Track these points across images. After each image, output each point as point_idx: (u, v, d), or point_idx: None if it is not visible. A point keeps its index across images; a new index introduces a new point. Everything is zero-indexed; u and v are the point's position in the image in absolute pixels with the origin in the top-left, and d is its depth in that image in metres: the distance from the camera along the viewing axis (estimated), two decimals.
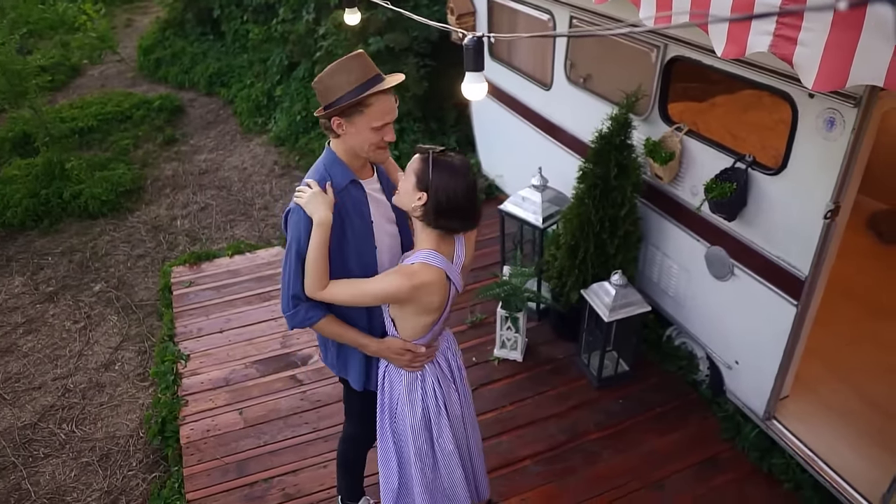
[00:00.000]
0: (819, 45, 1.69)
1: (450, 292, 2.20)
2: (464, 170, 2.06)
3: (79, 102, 8.25)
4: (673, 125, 3.39)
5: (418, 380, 2.35)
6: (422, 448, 2.43)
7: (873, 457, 3.04)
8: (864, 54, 1.60)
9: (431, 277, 2.09)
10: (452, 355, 2.47)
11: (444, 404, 2.39)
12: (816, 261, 2.82)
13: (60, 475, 3.69)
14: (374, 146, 2.17)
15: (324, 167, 2.23)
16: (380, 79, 2.11)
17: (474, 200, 2.08)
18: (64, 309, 5.00)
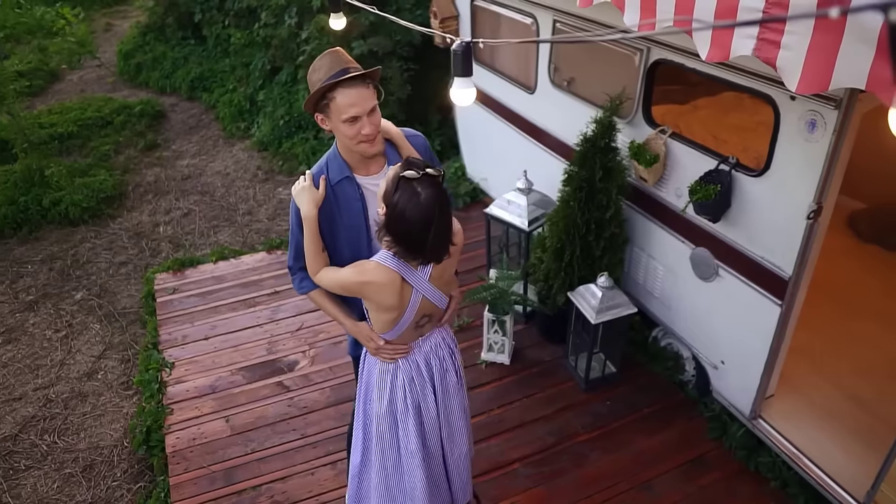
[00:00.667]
0: (802, 48, 1.71)
1: (412, 297, 2.19)
2: (426, 203, 1.96)
3: (58, 108, 8.15)
4: (657, 128, 3.42)
5: (390, 373, 2.39)
6: (384, 438, 2.46)
7: (858, 454, 3.07)
8: (847, 58, 1.62)
9: (381, 278, 2.10)
10: (439, 360, 2.44)
11: (412, 404, 2.39)
12: (800, 261, 2.86)
13: (43, 487, 3.63)
14: (355, 140, 2.18)
15: (325, 161, 2.34)
16: (347, 72, 2.11)
17: (426, 237, 2.00)
18: (45, 318, 4.93)
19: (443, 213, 2.01)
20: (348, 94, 2.10)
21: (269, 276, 4.97)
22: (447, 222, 2.06)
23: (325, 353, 4.19)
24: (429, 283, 2.21)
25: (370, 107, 2.13)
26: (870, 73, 1.60)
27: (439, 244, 2.06)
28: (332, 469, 3.41)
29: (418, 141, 2.48)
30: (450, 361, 2.44)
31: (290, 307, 4.63)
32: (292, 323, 4.48)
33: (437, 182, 2.00)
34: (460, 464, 2.61)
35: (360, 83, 2.11)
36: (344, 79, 2.07)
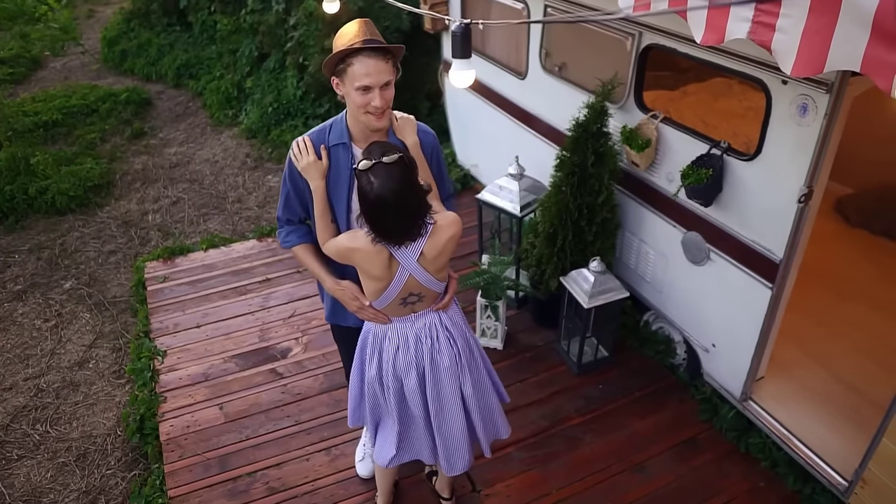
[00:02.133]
0: (797, 31, 1.72)
1: (398, 273, 2.23)
2: (380, 191, 2.01)
3: (41, 95, 8.03)
4: (649, 113, 3.43)
5: (378, 342, 2.45)
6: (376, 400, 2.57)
7: (847, 433, 3.13)
8: (841, 40, 1.63)
9: (369, 247, 2.16)
10: (431, 341, 2.43)
11: (394, 375, 2.44)
12: (790, 244, 2.89)
13: (36, 476, 3.61)
14: (362, 109, 2.21)
15: (330, 124, 2.41)
16: (372, 41, 2.13)
17: (386, 221, 2.08)
18: (33, 307, 4.88)
19: (400, 198, 2.04)
20: (366, 63, 2.13)
21: (260, 264, 4.95)
22: (407, 205, 2.07)
23: (318, 340, 4.19)
24: (418, 263, 2.22)
25: (384, 80, 2.17)
26: (864, 55, 1.61)
27: (402, 226, 2.12)
28: (327, 455, 3.43)
29: (427, 139, 2.51)
30: (445, 345, 2.44)
31: (282, 294, 4.62)
32: (284, 310, 4.47)
33: (393, 169, 2.02)
34: (449, 437, 2.61)
35: (380, 55, 2.14)
36: (366, 47, 2.11)
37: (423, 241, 2.19)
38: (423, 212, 2.16)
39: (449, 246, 2.26)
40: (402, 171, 2.04)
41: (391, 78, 2.19)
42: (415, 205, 2.11)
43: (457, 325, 2.50)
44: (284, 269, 4.86)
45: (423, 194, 2.16)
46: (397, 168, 2.02)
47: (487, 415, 2.69)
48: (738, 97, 3.62)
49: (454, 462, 2.66)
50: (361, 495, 3.20)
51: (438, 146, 2.59)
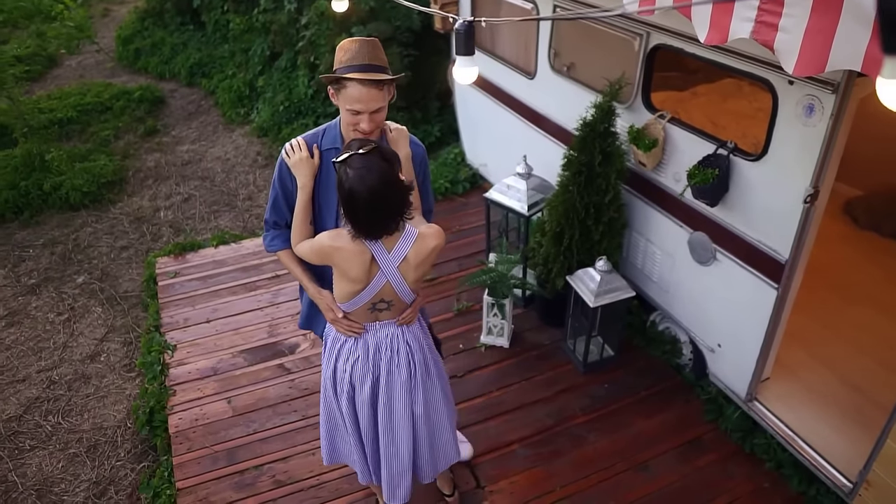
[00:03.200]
0: (799, 30, 1.74)
1: (377, 277, 2.23)
2: (354, 181, 2.01)
3: (57, 93, 8.13)
4: (656, 113, 3.44)
5: (339, 344, 2.46)
6: (328, 400, 2.61)
7: (852, 435, 3.12)
8: (843, 39, 1.64)
9: (353, 247, 2.17)
10: (391, 353, 2.43)
11: (349, 381, 2.45)
12: (796, 244, 2.89)
13: (48, 466, 3.67)
14: (351, 127, 2.26)
15: (324, 129, 2.45)
16: (369, 68, 2.16)
17: (359, 212, 2.07)
18: (47, 301, 4.96)
19: (375, 187, 2.02)
20: (359, 90, 2.16)
21: (270, 261, 5.00)
22: (383, 196, 2.05)
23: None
24: (398, 269, 2.22)
25: (374, 108, 2.20)
26: (866, 54, 1.62)
27: (378, 219, 2.10)
28: None
29: (418, 151, 2.54)
30: (404, 360, 2.42)
31: (291, 291, 4.66)
32: (293, 306, 4.51)
33: (368, 159, 2.02)
34: (394, 462, 2.58)
35: (374, 85, 2.16)
36: (357, 77, 2.13)
37: (408, 247, 2.19)
38: (402, 206, 2.13)
39: (432, 256, 2.26)
40: (378, 161, 2.03)
41: (382, 104, 2.22)
42: (391, 196, 2.08)
43: (418, 340, 2.49)
44: None
45: (403, 188, 2.13)
46: (373, 158, 2.02)
47: (436, 440, 2.67)
48: (749, 98, 3.63)
49: (395, 490, 2.63)
50: (365, 490, 3.23)
51: (426, 159, 2.63)
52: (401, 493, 2.66)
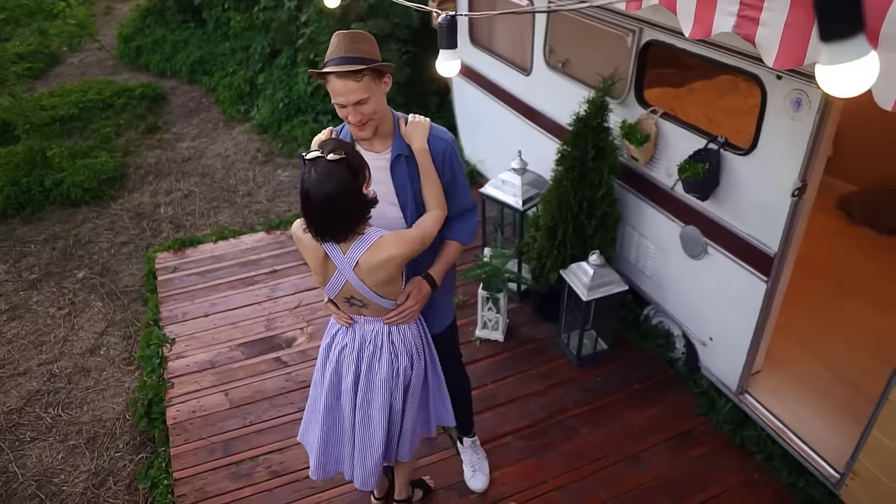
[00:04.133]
0: (779, 24, 1.77)
1: (335, 276, 2.25)
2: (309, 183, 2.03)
3: (59, 90, 8.19)
4: (648, 108, 3.47)
5: (333, 329, 2.53)
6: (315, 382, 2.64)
7: (841, 427, 3.15)
8: None
9: (309, 242, 2.20)
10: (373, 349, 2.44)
11: (333, 368, 2.49)
12: (785, 238, 2.92)
13: (47, 458, 3.72)
14: (346, 120, 2.27)
15: (343, 125, 2.45)
16: (344, 60, 2.15)
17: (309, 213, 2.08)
18: (48, 296, 5.01)
19: (328, 196, 2.02)
20: (336, 83, 2.16)
21: (268, 256, 5.05)
22: (335, 206, 2.06)
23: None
24: (353, 272, 2.21)
25: (355, 100, 2.17)
26: None
27: (325, 225, 2.10)
28: None
29: (438, 146, 2.38)
30: (387, 358, 2.42)
31: (288, 285, 4.71)
32: (290, 301, 4.56)
33: (331, 167, 2.02)
34: (367, 453, 2.59)
35: (349, 76, 2.14)
36: (331, 71, 2.14)
37: (360, 253, 2.17)
38: (355, 218, 2.13)
39: (387, 266, 2.20)
40: (342, 171, 2.03)
41: (365, 95, 2.17)
42: (346, 208, 2.08)
43: (406, 342, 2.46)
44: (291, 261, 4.95)
45: (361, 202, 2.12)
46: (338, 167, 2.02)
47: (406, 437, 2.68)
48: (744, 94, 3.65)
49: (366, 478, 2.65)
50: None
51: (453, 153, 2.44)
52: (371, 482, 2.70)
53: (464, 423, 3.24)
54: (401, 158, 2.38)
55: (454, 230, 2.52)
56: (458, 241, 2.55)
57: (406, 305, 2.39)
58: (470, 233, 2.58)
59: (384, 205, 2.42)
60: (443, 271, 2.51)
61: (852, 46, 1.17)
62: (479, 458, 3.30)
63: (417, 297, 2.41)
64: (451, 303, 2.81)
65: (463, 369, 3.14)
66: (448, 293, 2.74)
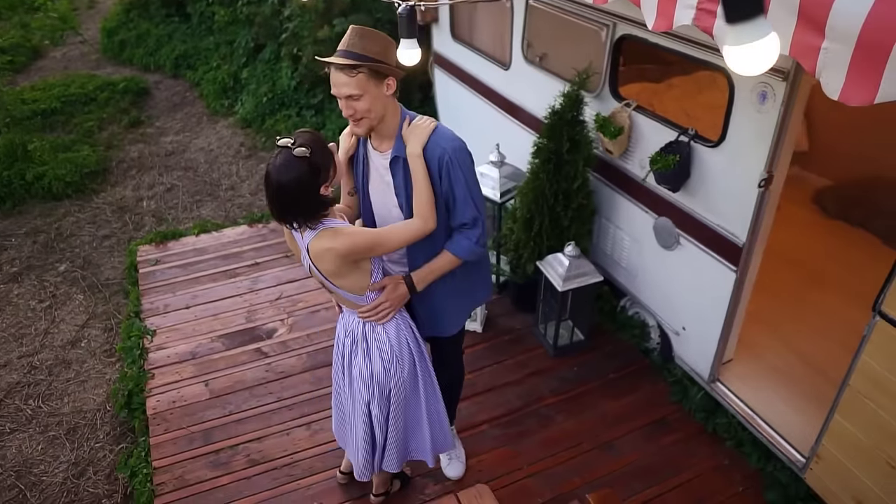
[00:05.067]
0: None
1: (302, 259, 2.34)
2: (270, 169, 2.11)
3: (41, 84, 8.14)
4: (622, 101, 3.53)
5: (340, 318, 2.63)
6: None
7: (809, 413, 3.22)
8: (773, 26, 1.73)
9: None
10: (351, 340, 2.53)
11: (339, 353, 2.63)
12: (753, 228, 2.99)
13: (27, 448, 3.74)
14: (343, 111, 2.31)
15: None
16: (343, 54, 2.20)
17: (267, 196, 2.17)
18: (28, 289, 5.01)
19: (283, 186, 2.10)
20: (332, 74, 2.22)
21: (250, 249, 5.07)
22: (287, 197, 2.12)
23: (303, 322, 4.30)
24: (308, 256, 2.26)
25: (346, 94, 2.20)
26: (792, 39, 1.71)
27: (275, 208, 2.18)
28: (307, 430, 3.54)
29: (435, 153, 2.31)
30: (361, 355, 2.49)
31: (270, 278, 4.74)
32: (271, 293, 4.59)
33: (293, 161, 2.08)
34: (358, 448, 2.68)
35: (343, 70, 2.18)
36: (328, 61, 2.19)
37: (308, 241, 2.23)
38: (303, 212, 2.17)
39: (327, 256, 2.21)
40: (303, 167, 2.08)
41: (357, 92, 2.19)
42: (298, 199, 2.13)
43: (380, 345, 2.47)
44: (273, 254, 4.98)
45: (315, 199, 2.16)
46: (300, 162, 2.08)
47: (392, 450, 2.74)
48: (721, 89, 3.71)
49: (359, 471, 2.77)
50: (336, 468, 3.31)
51: (452, 162, 2.32)
52: (367, 474, 2.78)
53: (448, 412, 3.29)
54: (398, 160, 2.38)
55: (451, 241, 2.48)
56: (451, 253, 2.47)
57: (378, 301, 2.40)
58: (467, 248, 2.46)
59: (388, 203, 2.48)
60: (426, 277, 2.48)
61: (754, 28, 1.26)
62: (455, 446, 3.35)
63: (390, 296, 2.40)
64: (460, 308, 2.77)
65: (462, 365, 3.20)
66: (454, 299, 2.68)
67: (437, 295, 2.61)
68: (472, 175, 2.39)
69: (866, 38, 1.52)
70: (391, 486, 3.18)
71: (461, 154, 2.34)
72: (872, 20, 1.50)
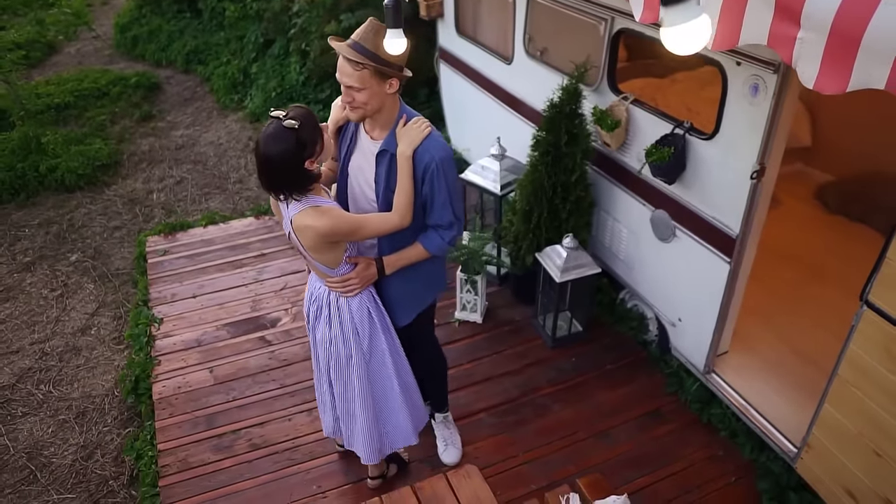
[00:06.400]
0: (716, 9, 1.87)
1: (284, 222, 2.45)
2: (259, 138, 2.22)
3: (55, 79, 8.30)
4: (620, 95, 3.57)
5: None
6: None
7: (802, 404, 3.24)
8: (751, 18, 1.78)
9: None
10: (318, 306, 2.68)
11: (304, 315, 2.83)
12: (746, 219, 3.03)
13: (38, 431, 3.85)
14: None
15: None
16: (353, 45, 2.29)
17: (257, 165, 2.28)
18: (41, 278, 5.13)
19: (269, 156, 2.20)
20: (339, 61, 2.32)
21: (257, 240, 5.16)
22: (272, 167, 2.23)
23: None
24: (291, 226, 2.37)
25: (347, 83, 2.30)
26: (770, 30, 1.76)
27: (262, 177, 2.30)
28: (308, 416, 3.62)
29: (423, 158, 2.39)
30: (324, 322, 2.64)
31: (275, 268, 4.82)
32: (276, 283, 4.68)
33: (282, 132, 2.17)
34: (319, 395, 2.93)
35: (350, 61, 2.28)
36: (339, 48, 2.28)
37: (295, 212, 2.33)
38: (288, 184, 2.27)
39: (307, 232, 2.33)
40: (290, 139, 2.17)
41: (358, 85, 2.28)
42: (281, 170, 2.23)
43: (342, 315, 2.60)
44: (279, 245, 5.07)
45: (298, 173, 2.25)
46: (287, 134, 2.17)
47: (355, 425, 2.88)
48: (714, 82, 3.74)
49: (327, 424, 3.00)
50: (338, 452, 3.39)
51: (437, 171, 2.41)
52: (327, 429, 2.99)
53: (438, 399, 3.38)
54: (385, 154, 2.47)
55: (424, 235, 2.60)
56: (423, 246, 2.60)
57: (347, 276, 2.53)
58: (437, 244, 2.60)
59: (365, 185, 2.59)
60: (395, 263, 2.61)
61: (686, 10, 1.34)
62: (450, 432, 3.42)
63: (361, 274, 2.54)
64: (416, 297, 2.83)
65: (438, 351, 3.26)
66: (410, 285, 2.76)
67: (390, 286, 2.71)
68: (454, 184, 2.52)
69: (838, 28, 1.56)
70: (387, 470, 3.25)
71: (447, 164, 2.44)
72: (844, 11, 1.54)
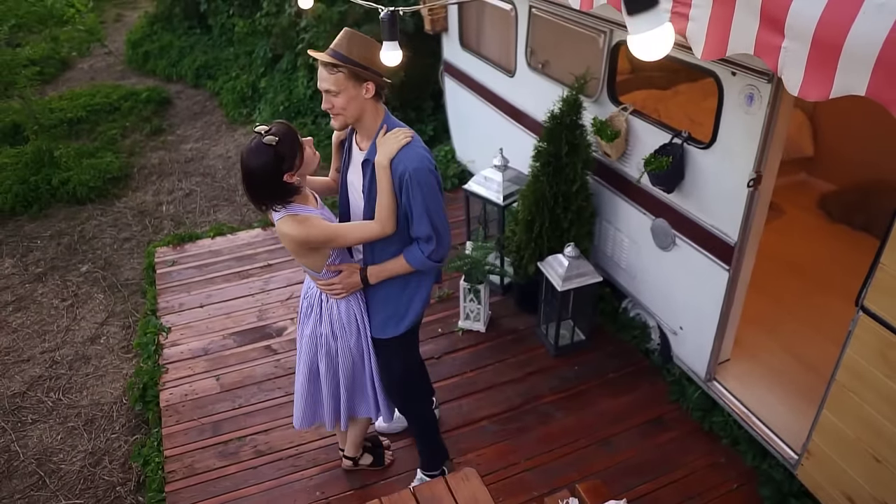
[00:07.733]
0: (704, 19, 1.92)
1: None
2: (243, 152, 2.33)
3: (68, 94, 8.46)
4: (620, 105, 3.62)
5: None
6: None
7: (803, 411, 3.26)
8: (739, 27, 1.83)
9: None
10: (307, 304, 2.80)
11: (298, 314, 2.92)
12: (744, 227, 3.06)
13: (48, 438, 3.91)
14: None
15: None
16: (329, 52, 2.38)
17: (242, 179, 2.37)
18: (52, 288, 5.21)
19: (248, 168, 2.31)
20: (319, 69, 2.40)
21: (264, 251, 5.23)
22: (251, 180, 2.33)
23: None
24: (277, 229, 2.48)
25: (325, 87, 2.39)
26: (756, 40, 1.81)
27: (245, 189, 2.40)
28: None
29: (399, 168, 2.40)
30: (314, 318, 2.74)
31: (282, 279, 4.89)
32: (282, 293, 4.74)
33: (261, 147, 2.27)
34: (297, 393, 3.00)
35: (327, 66, 2.37)
36: (315, 56, 2.37)
37: (277, 218, 2.44)
38: (267, 196, 2.38)
39: (285, 240, 2.46)
40: (269, 154, 2.27)
41: (334, 89, 2.35)
42: (260, 183, 2.33)
43: (331, 313, 2.70)
44: (285, 256, 5.13)
45: (275, 186, 2.34)
46: (266, 149, 2.27)
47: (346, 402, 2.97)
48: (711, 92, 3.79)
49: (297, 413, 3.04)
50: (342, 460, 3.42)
51: (413, 181, 2.40)
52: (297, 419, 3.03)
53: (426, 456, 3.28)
54: (368, 164, 2.54)
55: (408, 248, 2.60)
56: (405, 259, 2.59)
57: (331, 281, 2.62)
58: (418, 258, 2.56)
59: (356, 195, 2.68)
60: (379, 273, 2.64)
61: (651, 18, 1.41)
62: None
63: (343, 281, 2.62)
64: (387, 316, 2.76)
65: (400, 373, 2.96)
66: (386, 304, 2.74)
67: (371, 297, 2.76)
68: (431, 195, 2.46)
69: (820, 37, 1.61)
70: (360, 457, 3.34)
71: (422, 175, 2.41)
72: (825, 21, 1.59)
